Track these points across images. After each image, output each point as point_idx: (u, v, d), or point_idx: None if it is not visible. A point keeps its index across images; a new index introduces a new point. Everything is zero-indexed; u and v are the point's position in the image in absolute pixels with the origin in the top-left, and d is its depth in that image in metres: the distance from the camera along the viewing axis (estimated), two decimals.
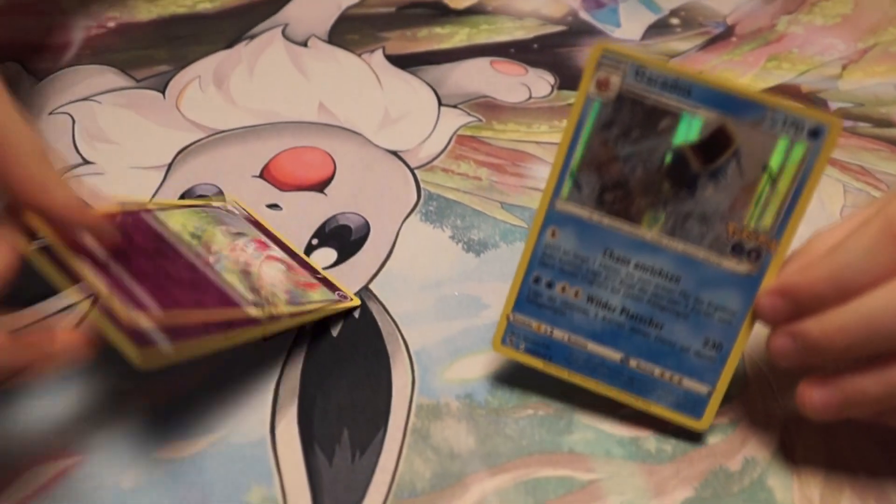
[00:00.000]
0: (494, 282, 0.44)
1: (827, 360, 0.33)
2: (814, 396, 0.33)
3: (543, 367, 0.38)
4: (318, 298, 0.40)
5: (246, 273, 0.38)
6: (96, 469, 0.36)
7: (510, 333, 0.38)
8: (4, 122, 0.32)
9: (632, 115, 0.34)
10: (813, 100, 0.59)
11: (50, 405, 0.38)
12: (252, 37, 0.62)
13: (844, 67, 0.63)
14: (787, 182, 0.33)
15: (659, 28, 0.66)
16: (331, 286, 0.42)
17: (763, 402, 0.39)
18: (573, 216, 0.36)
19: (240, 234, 0.41)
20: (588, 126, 0.35)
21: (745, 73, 0.61)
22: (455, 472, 0.36)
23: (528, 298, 0.38)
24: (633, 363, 0.37)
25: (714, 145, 0.34)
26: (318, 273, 0.43)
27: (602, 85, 0.34)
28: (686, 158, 0.34)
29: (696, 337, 0.36)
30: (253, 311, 0.36)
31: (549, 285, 0.37)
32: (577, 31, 0.65)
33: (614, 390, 0.37)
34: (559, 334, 0.38)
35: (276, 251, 0.42)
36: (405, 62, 0.60)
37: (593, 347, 0.37)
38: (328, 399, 0.38)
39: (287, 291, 0.39)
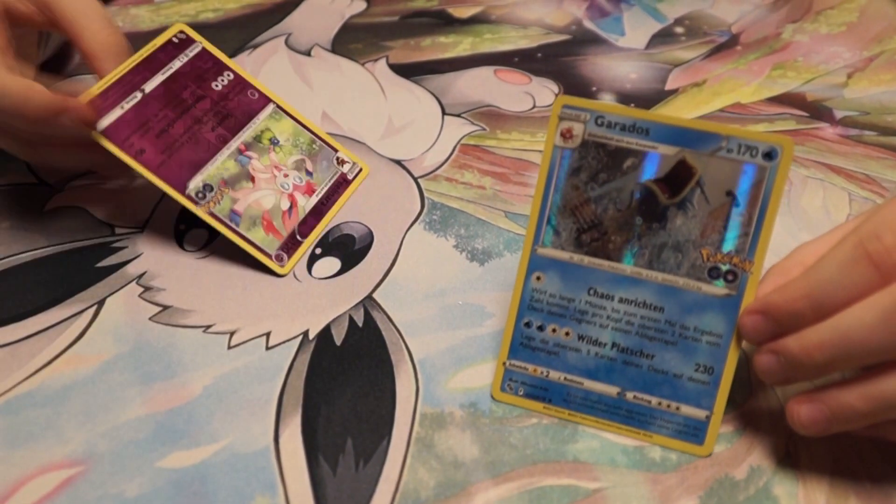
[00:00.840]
0: (498, 291, 0.44)
1: (809, 376, 0.34)
2: (801, 412, 0.34)
3: (544, 410, 0.39)
4: (257, 238, 0.45)
5: (244, 177, 0.45)
6: (100, 478, 0.35)
7: (508, 380, 0.39)
8: None
9: (597, 159, 0.37)
10: (818, 108, 0.59)
11: (53, 414, 0.38)
12: (255, 46, 0.62)
13: (850, 76, 0.62)
14: (751, 203, 0.35)
15: (663, 37, 0.66)
16: (288, 249, 0.45)
17: (768, 411, 0.39)
18: (555, 260, 0.38)
19: (306, 171, 0.47)
20: (558, 174, 0.37)
21: (750, 82, 0.61)
22: (459, 481, 0.36)
23: (521, 343, 0.39)
24: (629, 396, 0.38)
25: (677, 178, 0.36)
26: (300, 237, 0.46)
27: (566, 135, 0.37)
28: (653, 193, 0.36)
29: (687, 363, 0.37)
30: (180, 197, 0.44)
31: (541, 328, 0.38)
32: (581, 40, 0.65)
33: (615, 425, 0.38)
34: (555, 375, 0.38)
35: (306, 201, 0.47)
36: (409, 71, 0.60)
37: (590, 385, 0.38)
38: (332, 408, 0.38)
39: (239, 213, 0.44)
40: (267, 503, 0.35)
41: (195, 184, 0.44)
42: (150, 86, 0.45)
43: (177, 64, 0.46)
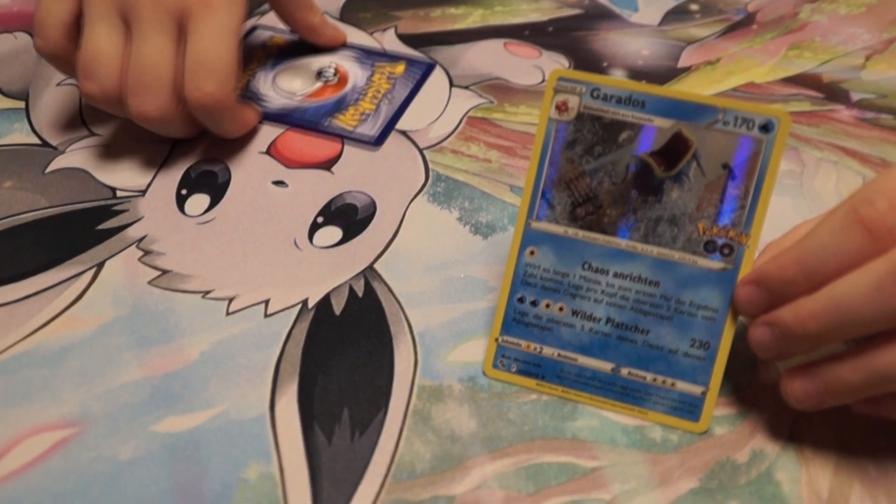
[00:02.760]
0: (501, 265, 0.43)
1: (804, 348, 0.33)
2: (795, 386, 0.34)
3: (537, 387, 0.38)
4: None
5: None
6: (94, 441, 0.35)
7: (501, 356, 0.38)
8: None
9: (593, 132, 0.36)
10: (835, 90, 0.58)
11: (49, 375, 0.37)
12: (262, 13, 0.62)
13: (868, 58, 0.61)
14: (748, 176, 0.35)
15: (678, 14, 0.65)
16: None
17: (772, 393, 0.38)
18: (549, 234, 0.37)
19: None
20: (553, 147, 0.37)
21: (765, 62, 0.60)
22: (455, 455, 0.35)
23: (514, 319, 0.38)
24: (624, 372, 0.37)
25: (673, 151, 0.36)
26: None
27: (562, 108, 0.36)
28: (649, 166, 0.36)
29: (683, 338, 0.36)
30: None
31: (534, 304, 0.38)
32: (593, 15, 0.64)
33: (609, 402, 0.37)
34: (549, 351, 0.38)
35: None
36: (417, 42, 0.59)
37: (584, 361, 0.38)
38: (329, 378, 0.38)
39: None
40: (261, 470, 0.34)
41: None
42: None
43: None
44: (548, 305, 0.38)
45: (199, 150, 0.49)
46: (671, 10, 0.66)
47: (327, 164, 0.49)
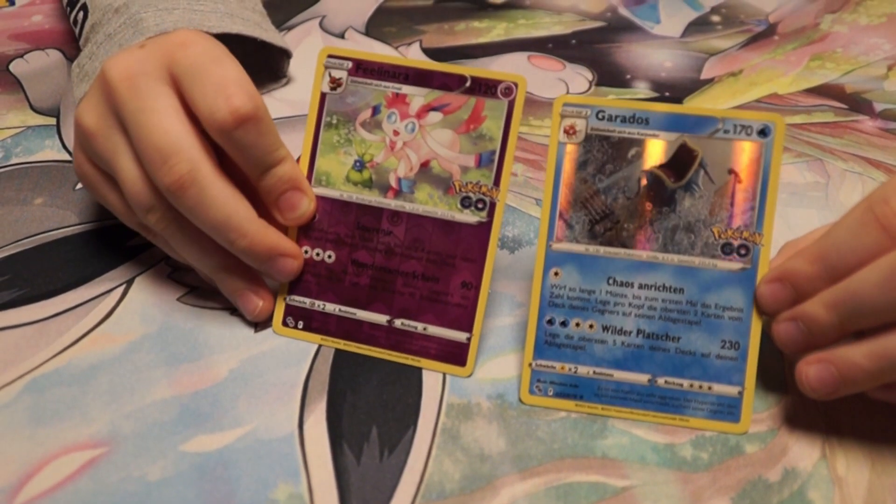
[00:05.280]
0: (528, 280, 0.43)
1: (827, 339, 0.34)
2: (810, 373, 0.35)
3: (576, 408, 0.38)
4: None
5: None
6: (123, 460, 0.35)
7: (536, 381, 0.38)
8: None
9: (602, 151, 0.38)
10: (858, 100, 0.57)
11: (79, 393, 0.37)
12: (289, 28, 0.62)
13: (890, 68, 0.61)
14: (753, 178, 0.37)
15: (699, 25, 0.65)
16: None
17: (804, 411, 0.38)
18: (571, 253, 0.38)
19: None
20: (565, 169, 0.38)
21: (788, 73, 0.60)
22: (485, 475, 0.35)
23: (546, 342, 0.38)
24: (660, 381, 0.38)
25: (680, 162, 0.37)
26: None
27: (569, 131, 0.38)
28: (659, 178, 0.37)
29: (713, 341, 0.37)
30: None
31: (564, 324, 0.38)
32: (616, 27, 0.64)
33: (650, 414, 0.38)
34: (584, 370, 0.38)
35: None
36: (442, 56, 0.59)
37: (620, 375, 0.38)
38: (357, 395, 0.38)
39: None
40: (290, 491, 0.34)
41: None
42: None
43: None
44: (578, 324, 0.38)
45: None
46: (693, 21, 0.66)
47: None
